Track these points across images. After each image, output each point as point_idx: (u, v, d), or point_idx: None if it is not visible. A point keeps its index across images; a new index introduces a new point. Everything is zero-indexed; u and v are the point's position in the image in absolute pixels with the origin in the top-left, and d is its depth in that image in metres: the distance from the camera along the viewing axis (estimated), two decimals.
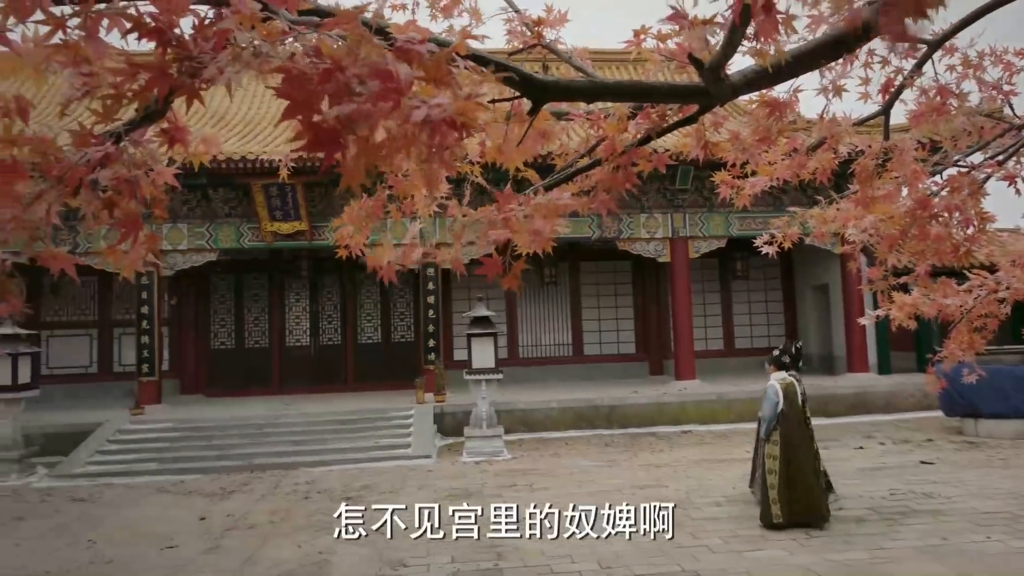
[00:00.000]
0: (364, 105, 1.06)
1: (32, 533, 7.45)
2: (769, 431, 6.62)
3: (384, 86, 0.99)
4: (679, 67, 1.99)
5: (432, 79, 1.03)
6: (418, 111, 0.99)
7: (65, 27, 1.36)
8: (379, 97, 1.07)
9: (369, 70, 1.05)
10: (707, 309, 17.84)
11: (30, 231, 1.37)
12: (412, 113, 0.99)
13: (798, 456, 6.53)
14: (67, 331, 16.45)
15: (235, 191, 13.86)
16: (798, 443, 6.58)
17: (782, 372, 6.87)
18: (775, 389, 6.68)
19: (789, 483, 6.44)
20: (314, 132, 1.07)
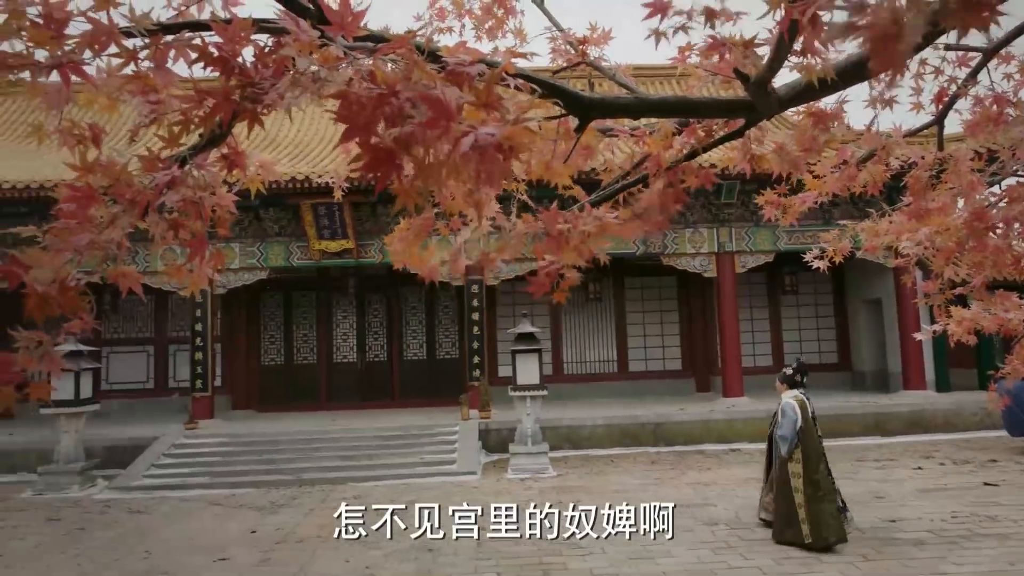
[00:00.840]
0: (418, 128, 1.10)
1: (93, 543, 7.70)
2: (791, 449, 6.55)
3: (434, 112, 1.03)
4: (724, 82, 2.00)
5: (482, 103, 1.06)
6: (467, 138, 1.02)
7: (137, 59, 1.44)
8: (429, 123, 1.11)
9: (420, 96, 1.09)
10: (755, 325, 17.52)
11: (104, 252, 1.45)
12: (461, 140, 1.03)
13: (819, 473, 6.49)
14: (125, 348, 17.03)
15: (285, 211, 14.22)
16: (817, 460, 6.54)
17: (794, 390, 6.84)
18: (793, 407, 6.64)
19: (815, 501, 6.38)
20: (372, 154, 1.11)
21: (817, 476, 6.46)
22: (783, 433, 6.59)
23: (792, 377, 6.95)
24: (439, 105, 1.02)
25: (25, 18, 1.45)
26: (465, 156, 1.00)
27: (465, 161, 1.01)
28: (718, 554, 6.41)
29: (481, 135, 1.09)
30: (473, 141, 0.99)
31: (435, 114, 1.08)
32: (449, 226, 3.19)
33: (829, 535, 6.31)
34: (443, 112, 1.02)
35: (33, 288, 1.33)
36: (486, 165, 1.04)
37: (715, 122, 2.27)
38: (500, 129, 1.02)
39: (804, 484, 6.41)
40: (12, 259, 1.34)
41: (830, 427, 13.10)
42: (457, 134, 1.02)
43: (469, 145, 0.99)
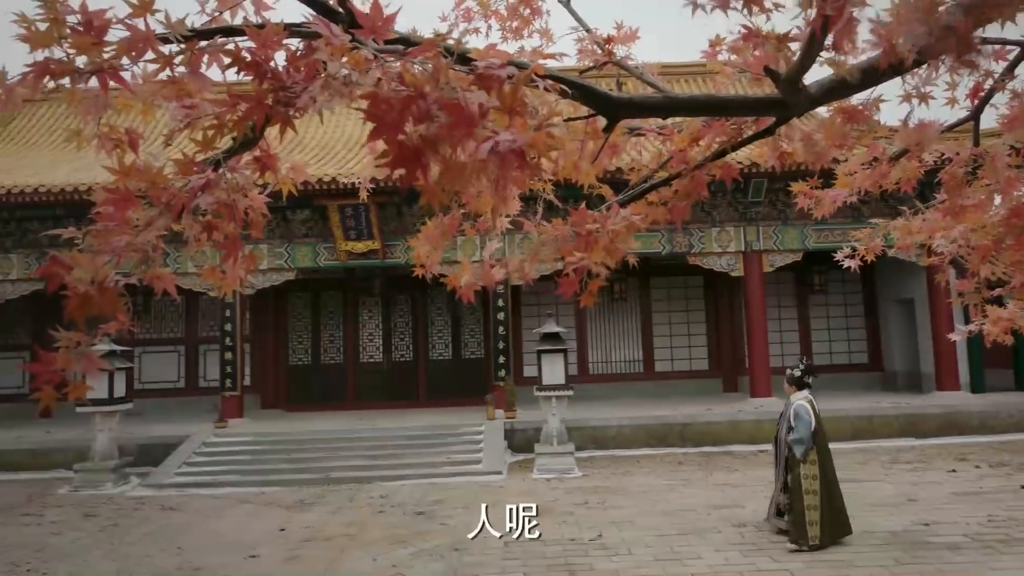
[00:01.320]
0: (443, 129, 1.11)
1: (127, 539, 7.85)
2: (806, 452, 6.48)
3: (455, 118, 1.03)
4: (754, 79, 1.98)
5: (506, 109, 1.07)
6: (485, 144, 1.02)
7: (173, 64, 1.47)
8: (451, 128, 1.11)
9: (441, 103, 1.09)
10: (783, 324, 17.30)
11: (141, 254, 1.48)
12: (481, 146, 1.03)
13: (832, 473, 6.53)
14: (157, 348, 17.34)
15: (312, 212, 14.37)
16: (828, 461, 6.55)
17: (804, 391, 6.77)
18: (807, 409, 6.58)
19: (830, 502, 6.39)
20: (398, 151, 1.12)
21: (830, 478, 6.48)
22: (799, 436, 6.51)
23: (800, 378, 6.87)
24: (460, 111, 1.03)
25: (65, 26, 1.49)
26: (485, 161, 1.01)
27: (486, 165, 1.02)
28: (747, 556, 6.35)
29: (501, 141, 1.09)
30: (492, 147, 0.99)
31: (456, 120, 1.09)
32: (475, 227, 3.20)
33: (843, 532, 6.42)
34: (465, 118, 1.03)
35: (74, 289, 1.36)
36: (505, 170, 1.05)
37: (745, 120, 2.25)
38: (521, 135, 1.02)
39: (820, 486, 6.38)
40: (54, 260, 1.37)
41: (861, 428, 12.93)
42: (480, 139, 1.03)
43: (487, 151, 0.99)
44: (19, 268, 14.80)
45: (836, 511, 6.44)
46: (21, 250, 14.82)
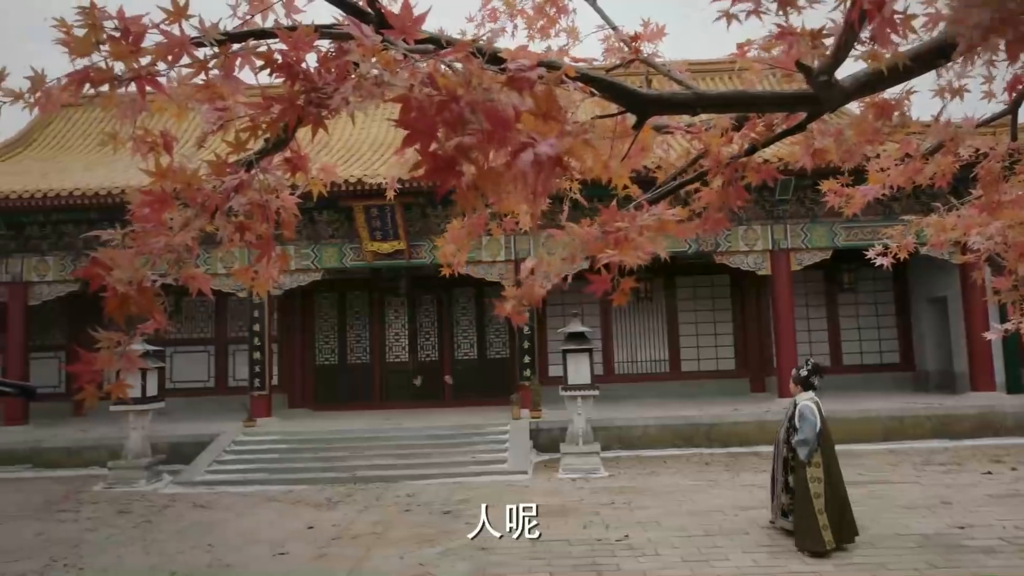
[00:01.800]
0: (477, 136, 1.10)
1: (159, 535, 7.99)
2: (811, 454, 6.33)
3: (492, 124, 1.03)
4: (785, 75, 1.95)
5: (542, 114, 1.06)
6: (525, 154, 1.02)
7: (207, 68, 1.49)
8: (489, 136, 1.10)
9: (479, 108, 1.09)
10: (811, 324, 17.07)
11: (177, 255, 1.51)
12: (520, 155, 1.03)
13: (837, 476, 6.41)
14: (188, 348, 17.62)
15: (338, 213, 14.49)
16: (833, 463, 6.42)
17: (809, 392, 6.65)
18: (812, 410, 6.43)
19: (836, 504, 6.27)
20: (432, 162, 1.12)
21: (836, 479, 6.37)
22: (804, 437, 6.35)
23: (807, 378, 6.73)
24: (497, 116, 1.03)
25: (103, 32, 1.52)
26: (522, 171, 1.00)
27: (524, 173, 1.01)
28: (776, 558, 6.27)
29: (540, 151, 1.08)
30: (532, 157, 0.99)
31: (493, 125, 1.08)
32: (502, 226, 3.20)
33: (851, 536, 6.31)
34: (501, 123, 1.02)
35: (114, 288, 1.39)
36: (544, 178, 1.04)
37: (775, 116, 2.23)
38: (560, 143, 1.02)
39: (825, 488, 6.26)
40: (94, 260, 1.40)
41: (892, 429, 12.71)
42: (515, 145, 1.02)
43: (528, 162, 0.99)
44: (55, 270, 15.13)
45: (841, 513, 6.29)
46: (57, 252, 15.15)
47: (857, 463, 10.80)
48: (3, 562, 7.12)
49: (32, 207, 13.85)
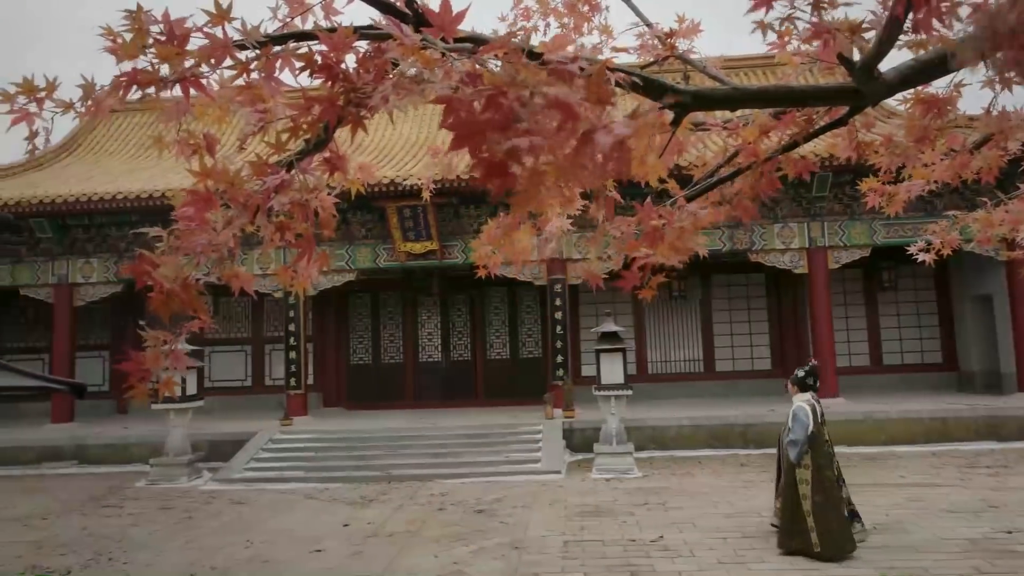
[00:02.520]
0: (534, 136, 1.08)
1: (200, 531, 8.16)
2: (800, 455, 6.29)
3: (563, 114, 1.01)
4: (826, 68, 1.92)
5: (596, 99, 1.05)
6: (604, 137, 1.00)
7: (249, 70, 1.51)
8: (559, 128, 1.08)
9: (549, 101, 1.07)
10: (850, 323, 16.75)
11: (220, 253, 1.53)
12: (595, 140, 1.01)
13: (829, 480, 6.28)
14: (225, 347, 17.95)
15: (371, 214, 14.63)
16: (826, 466, 6.31)
17: (807, 394, 6.58)
18: (805, 411, 6.37)
19: (824, 509, 6.15)
20: (486, 167, 1.11)
21: (827, 484, 6.24)
22: (794, 438, 6.32)
23: (804, 380, 6.67)
24: (565, 107, 1.01)
25: (148, 36, 1.55)
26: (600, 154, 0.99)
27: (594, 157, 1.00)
28: (813, 561, 6.16)
29: (617, 131, 1.06)
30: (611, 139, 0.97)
31: (563, 115, 1.06)
32: (537, 225, 3.20)
33: (840, 544, 6.12)
34: (569, 113, 1.01)
35: (159, 285, 1.42)
36: (621, 159, 1.02)
37: (816, 111, 2.18)
38: (630, 123, 1.01)
39: (813, 491, 6.18)
40: (141, 257, 1.44)
41: (934, 430, 12.39)
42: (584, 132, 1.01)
43: (608, 144, 0.97)
44: (99, 272, 15.54)
45: (834, 521, 6.14)
46: (101, 254, 15.56)
47: (898, 465, 10.56)
48: (51, 556, 7.34)
49: (77, 211, 14.25)
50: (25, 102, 1.69)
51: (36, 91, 1.68)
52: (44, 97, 1.68)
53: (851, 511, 6.63)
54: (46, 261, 15.55)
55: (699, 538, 6.99)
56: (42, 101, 1.70)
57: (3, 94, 1.68)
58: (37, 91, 1.67)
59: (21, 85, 1.69)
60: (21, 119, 1.70)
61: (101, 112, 1.64)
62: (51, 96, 1.70)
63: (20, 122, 1.71)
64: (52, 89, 1.65)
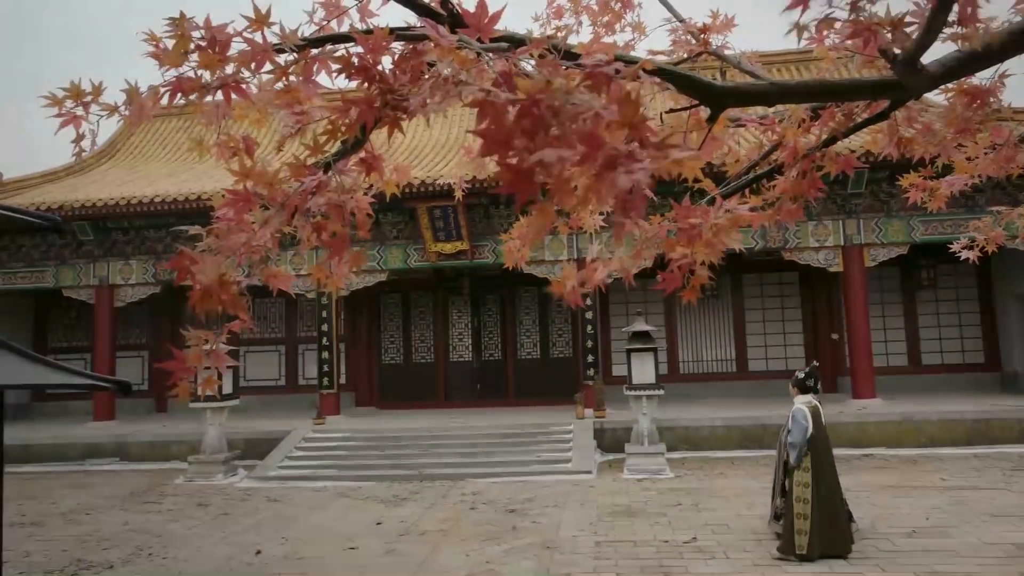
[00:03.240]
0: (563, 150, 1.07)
1: (237, 528, 8.30)
2: (800, 457, 6.27)
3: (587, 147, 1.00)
4: (867, 61, 1.88)
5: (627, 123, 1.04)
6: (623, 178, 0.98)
7: (288, 74, 1.54)
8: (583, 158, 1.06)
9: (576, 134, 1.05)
10: (887, 322, 16.41)
11: (259, 253, 1.56)
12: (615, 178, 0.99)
13: (828, 482, 6.25)
14: (260, 347, 18.24)
15: (402, 215, 14.74)
16: (826, 469, 6.29)
17: (807, 396, 6.57)
18: (804, 413, 6.35)
19: (822, 511, 6.12)
20: (511, 175, 1.11)
21: (826, 486, 6.21)
22: (793, 440, 6.30)
23: (804, 382, 6.67)
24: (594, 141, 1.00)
25: (190, 42, 1.58)
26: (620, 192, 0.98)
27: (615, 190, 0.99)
28: (853, 565, 6.05)
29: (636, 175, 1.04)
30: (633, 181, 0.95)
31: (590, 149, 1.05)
32: (568, 224, 3.19)
33: (833, 544, 6.11)
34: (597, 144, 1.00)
35: (199, 282, 1.45)
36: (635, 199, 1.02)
37: (856, 105, 2.14)
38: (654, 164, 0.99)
39: (812, 494, 6.16)
40: (182, 254, 1.46)
41: (977, 432, 12.08)
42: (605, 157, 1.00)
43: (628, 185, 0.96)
44: (138, 273, 15.90)
45: (831, 523, 6.14)
46: (140, 256, 15.92)
47: (939, 468, 10.32)
48: (94, 550, 7.53)
49: (117, 214, 14.60)
50: (72, 106, 1.74)
51: (83, 95, 1.72)
52: (90, 101, 1.73)
53: (847, 511, 6.62)
54: (87, 263, 15.97)
55: (734, 540, 6.91)
56: (88, 105, 1.75)
57: (52, 98, 1.73)
58: (84, 95, 1.72)
59: (68, 89, 1.74)
60: (68, 122, 1.75)
61: (145, 116, 1.68)
62: (97, 100, 1.74)
63: (67, 125, 1.76)
64: (98, 93, 1.69)
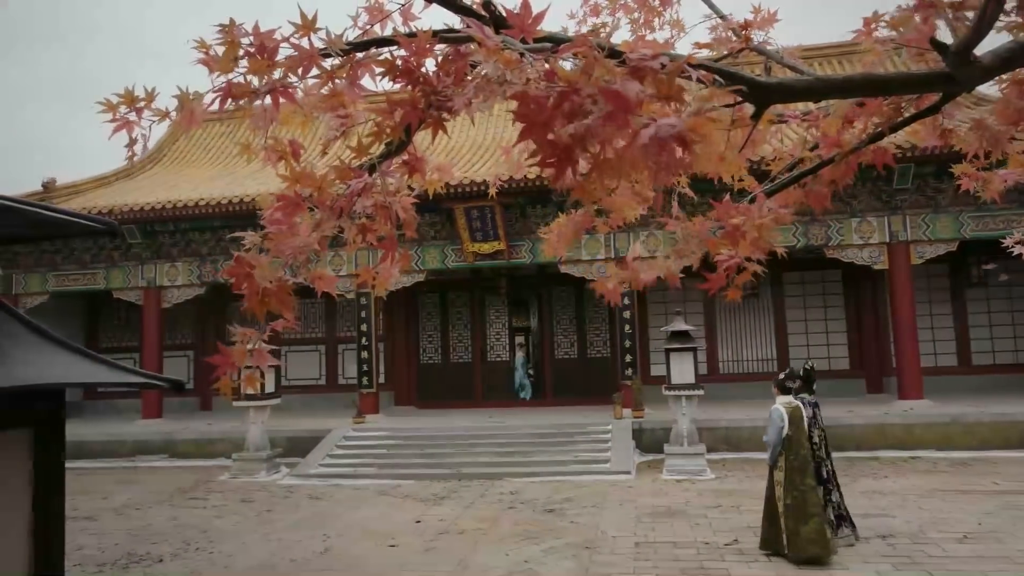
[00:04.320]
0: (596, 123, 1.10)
1: (280, 524, 8.46)
2: (775, 457, 6.38)
3: (614, 105, 1.03)
4: (917, 54, 1.84)
5: (663, 96, 1.05)
6: (646, 130, 1.01)
7: (334, 78, 1.57)
8: (608, 117, 1.10)
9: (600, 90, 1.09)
10: (935, 321, 15.96)
11: (307, 255, 1.59)
12: (640, 132, 1.02)
13: (803, 483, 6.23)
14: (301, 347, 18.55)
15: (439, 215, 14.84)
16: (802, 470, 6.28)
17: (788, 396, 6.64)
18: (780, 414, 6.42)
19: (794, 511, 6.16)
20: (549, 149, 1.13)
21: (802, 487, 6.20)
22: (767, 439, 6.47)
23: (783, 382, 6.74)
24: (619, 99, 1.02)
25: (239, 48, 1.63)
26: (644, 148, 0.99)
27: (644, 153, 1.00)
28: (899, 570, 5.91)
29: (662, 126, 1.07)
30: (653, 133, 0.97)
31: (615, 107, 1.08)
32: (608, 223, 3.18)
33: (808, 549, 6.05)
34: (622, 105, 1.02)
35: (255, 286, 1.49)
36: (665, 157, 1.03)
37: (903, 99, 2.10)
38: (681, 120, 1.00)
39: (785, 494, 6.23)
40: (238, 259, 1.50)
41: None
42: (636, 127, 1.02)
43: (649, 137, 0.97)
44: (183, 275, 16.31)
45: (805, 525, 6.09)
46: (185, 259, 16.33)
47: (991, 471, 10.01)
48: (145, 544, 7.75)
49: (163, 217, 15.01)
50: (126, 112, 1.79)
51: (136, 101, 1.78)
52: (143, 107, 1.78)
53: (839, 515, 6.64)
54: (136, 265, 16.43)
55: None
56: (141, 111, 1.81)
57: (107, 104, 1.79)
58: (137, 101, 1.78)
59: (123, 96, 1.80)
60: (121, 127, 1.81)
61: (195, 121, 1.73)
62: (149, 106, 1.80)
63: (121, 130, 1.82)
64: (151, 99, 1.75)
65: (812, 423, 6.63)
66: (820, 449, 6.67)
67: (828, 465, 6.74)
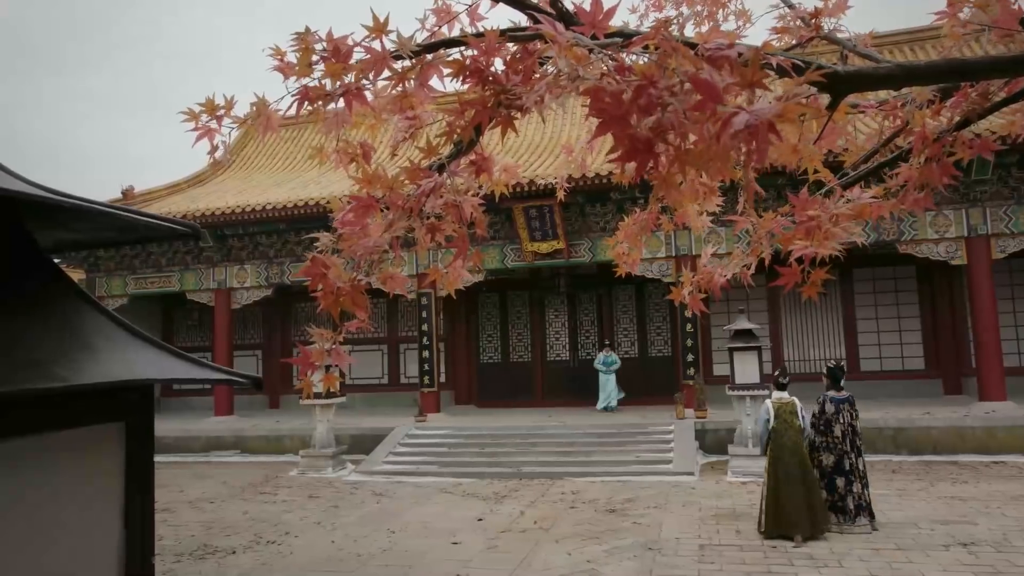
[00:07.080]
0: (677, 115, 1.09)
1: (346, 520, 8.65)
2: (764, 447, 7.40)
3: (703, 94, 1.01)
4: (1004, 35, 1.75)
5: (747, 83, 1.03)
6: (738, 117, 0.99)
7: (405, 79, 1.59)
8: (697, 106, 1.09)
9: (690, 79, 1.08)
10: (1019, 319, 15.15)
11: (379, 255, 1.63)
12: (732, 120, 1.00)
13: (784, 470, 7.00)
14: (364, 347, 18.93)
15: (499, 215, 14.91)
16: (783, 457, 7.06)
17: (781, 392, 7.56)
18: (767, 408, 7.42)
19: (777, 495, 6.95)
20: (629, 144, 1.13)
21: (782, 473, 6.98)
22: (754, 430, 7.65)
23: (777, 379, 7.76)
24: (708, 87, 1.01)
25: (313, 54, 1.67)
26: (735, 136, 0.97)
27: (734, 141, 0.99)
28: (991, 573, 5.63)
29: (757, 112, 1.05)
30: (747, 120, 0.96)
31: (704, 96, 1.06)
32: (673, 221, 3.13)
33: (781, 523, 6.85)
34: (712, 94, 1.00)
35: (330, 286, 1.53)
36: (759, 144, 1.00)
37: (992, 84, 2.00)
38: (774, 105, 0.98)
39: (769, 477, 7.09)
40: (314, 260, 1.55)
41: None
42: (723, 115, 1.00)
43: (743, 124, 0.96)
44: (252, 277, 16.87)
45: (783, 506, 6.87)
46: (253, 261, 16.89)
47: None
48: (218, 536, 8.05)
49: (232, 221, 15.55)
50: (207, 120, 1.87)
51: (216, 109, 1.85)
52: (223, 115, 1.85)
53: (858, 505, 7.11)
54: (207, 268, 17.08)
55: (847, 548, 6.58)
56: (221, 119, 1.88)
57: (189, 113, 1.87)
58: (217, 109, 1.84)
59: (204, 104, 1.87)
60: (203, 135, 1.89)
61: (272, 127, 1.79)
62: (229, 114, 1.87)
63: (203, 138, 1.89)
64: (230, 107, 1.81)
65: (835, 418, 7.31)
66: (843, 443, 7.26)
67: (851, 458, 7.24)
